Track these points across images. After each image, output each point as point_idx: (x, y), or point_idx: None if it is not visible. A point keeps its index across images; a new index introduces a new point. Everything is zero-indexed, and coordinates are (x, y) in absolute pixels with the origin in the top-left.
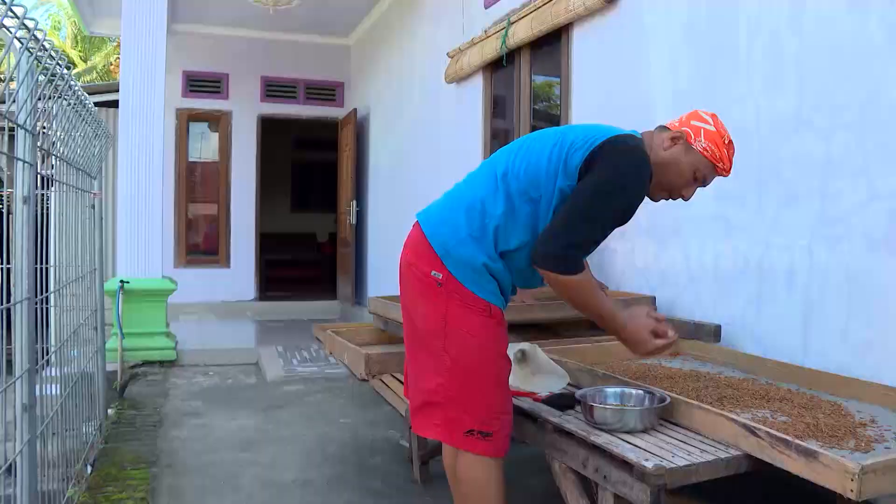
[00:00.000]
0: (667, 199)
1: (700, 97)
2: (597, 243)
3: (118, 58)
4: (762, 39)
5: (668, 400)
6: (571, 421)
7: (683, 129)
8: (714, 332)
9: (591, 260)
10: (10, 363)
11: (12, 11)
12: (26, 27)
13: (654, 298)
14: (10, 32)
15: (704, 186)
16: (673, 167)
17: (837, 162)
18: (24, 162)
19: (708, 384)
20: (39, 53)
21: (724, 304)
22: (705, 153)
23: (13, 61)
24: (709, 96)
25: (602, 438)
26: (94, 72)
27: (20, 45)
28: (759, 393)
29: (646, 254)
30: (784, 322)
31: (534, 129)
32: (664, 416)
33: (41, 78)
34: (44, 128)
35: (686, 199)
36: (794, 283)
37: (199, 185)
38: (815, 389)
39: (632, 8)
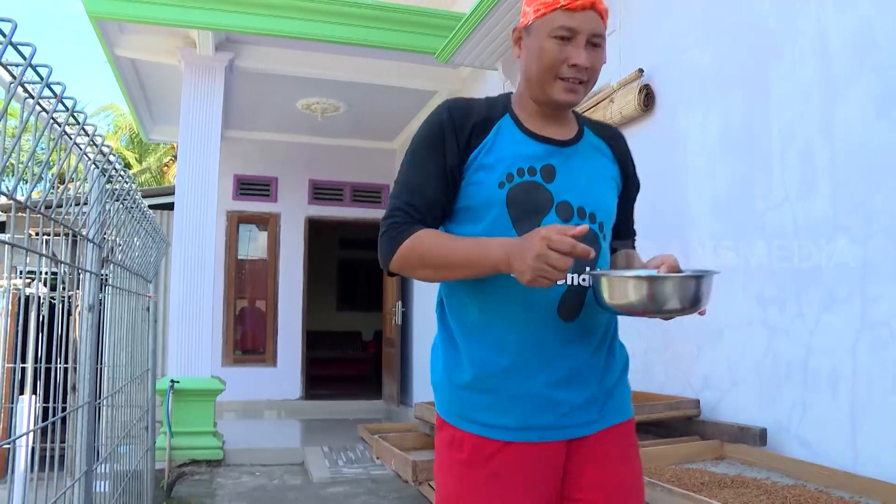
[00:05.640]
0: (571, 82)
1: (738, 202)
2: (407, 202)
3: (170, 159)
4: (796, 146)
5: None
6: None
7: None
8: (759, 436)
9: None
10: (62, 458)
11: (84, 131)
12: (95, 144)
13: None
14: (80, 148)
15: (571, 40)
16: (525, 61)
17: (875, 266)
18: (90, 273)
19: (754, 491)
20: (106, 167)
21: (768, 408)
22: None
23: (82, 176)
24: (746, 202)
25: None
26: (149, 172)
27: (88, 159)
28: (809, 501)
29: (689, 357)
30: (831, 426)
31: None
32: None
33: (108, 187)
34: (104, 235)
35: (573, 63)
36: (839, 386)
37: (247, 283)
38: (867, 497)
39: (668, 116)
